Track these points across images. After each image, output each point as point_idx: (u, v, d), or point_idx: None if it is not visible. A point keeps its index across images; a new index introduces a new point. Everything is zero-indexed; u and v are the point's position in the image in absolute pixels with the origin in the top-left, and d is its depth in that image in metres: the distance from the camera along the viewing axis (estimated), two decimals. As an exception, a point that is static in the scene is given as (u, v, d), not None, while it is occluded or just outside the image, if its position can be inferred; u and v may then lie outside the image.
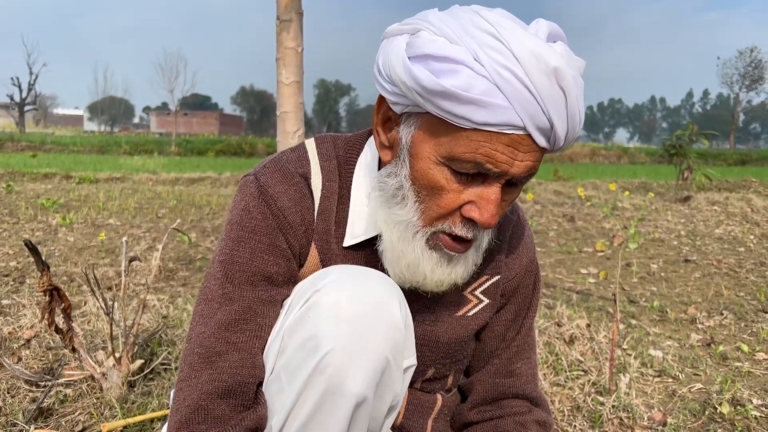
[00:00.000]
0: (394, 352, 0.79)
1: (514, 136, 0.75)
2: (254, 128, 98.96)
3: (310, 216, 0.91)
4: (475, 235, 0.84)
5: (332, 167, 0.94)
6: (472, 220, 0.80)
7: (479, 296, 1.01)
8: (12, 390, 1.75)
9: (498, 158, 0.75)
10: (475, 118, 0.73)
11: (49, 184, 8.61)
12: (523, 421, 1.03)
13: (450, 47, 0.73)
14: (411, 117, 0.81)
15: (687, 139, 9.07)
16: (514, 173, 0.77)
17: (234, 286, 0.85)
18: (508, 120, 0.73)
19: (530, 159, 0.77)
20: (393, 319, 0.79)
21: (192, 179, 10.15)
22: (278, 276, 0.87)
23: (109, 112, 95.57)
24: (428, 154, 0.79)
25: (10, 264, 3.44)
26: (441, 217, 0.82)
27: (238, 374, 0.81)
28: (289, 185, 0.90)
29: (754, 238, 5.49)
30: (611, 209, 6.76)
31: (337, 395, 0.76)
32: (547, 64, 0.71)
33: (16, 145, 23.09)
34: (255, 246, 0.86)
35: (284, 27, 2.81)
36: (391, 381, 0.82)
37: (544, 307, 2.88)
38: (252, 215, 0.88)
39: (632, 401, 1.81)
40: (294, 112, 2.83)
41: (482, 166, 0.76)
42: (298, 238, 0.90)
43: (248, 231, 0.87)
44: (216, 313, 0.84)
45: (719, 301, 3.20)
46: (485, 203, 0.78)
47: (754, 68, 69.59)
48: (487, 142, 0.74)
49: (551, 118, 0.74)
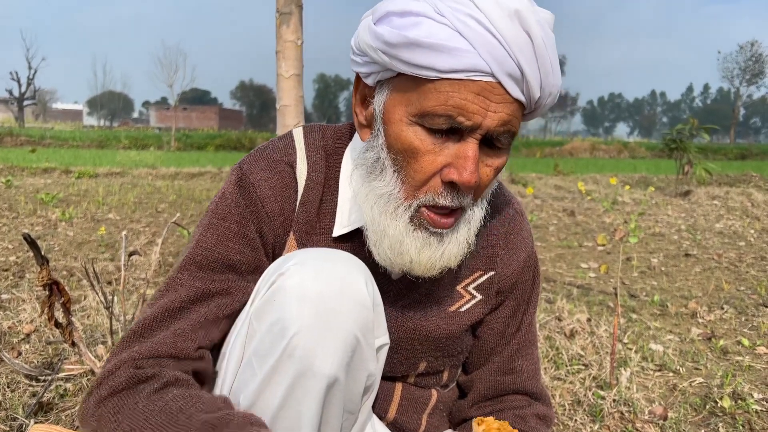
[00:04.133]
0: (363, 330, 0.78)
1: (484, 84, 0.73)
2: (254, 123, 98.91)
3: (291, 206, 0.90)
4: (461, 204, 0.81)
5: (319, 157, 0.93)
6: (454, 185, 0.78)
7: (472, 292, 0.99)
8: (12, 384, 1.75)
9: (469, 108, 0.74)
10: (440, 65, 0.72)
11: (48, 179, 8.60)
12: (523, 414, 1.02)
13: (411, 2, 0.74)
14: (383, 85, 0.81)
15: (687, 134, 9.06)
16: (488, 126, 0.75)
17: (189, 273, 0.85)
18: (473, 64, 0.72)
19: (504, 110, 0.75)
20: (359, 297, 0.77)
21: (191, 174, 10.13)
22: (241, 265, 0.86)
23: (108, 107, 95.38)
24: (400, 116, 0.78)
25: (9, 259, 3.44)
26: (422, 185, 0.79)
27: (166, 345, 0.79)
28: (273, 173, 0.90)
29: (754, 232, 5.48)
30: (611, 204, 6.75)
31: (307, 377, 0.74)
32: (508, 7, 0.72)
33: (15, 140, 23.04)
34: (222, 233, 0.86)
35: (284, 20, 2.80)
36: (363, 360, 0.80)
37: (544, 301, 2.88)
38: (226, 202, 0.88)
39: (633, 395, 1.81)
40: (294, 106, 2.82)
41: (453, 119, 0.74)
42: (273, 228, 0.89)
43: (219, 218, 0.87)
44: (163, 297, 0.84)
45: (720, 296, 3.19)
46: (462, 161, 0.76)
47: (754, 62, 69.48)
48: (456, 92, 0.73)
49: (519, 63, 0.73)
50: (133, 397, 0.75)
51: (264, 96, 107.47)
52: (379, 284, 0.93)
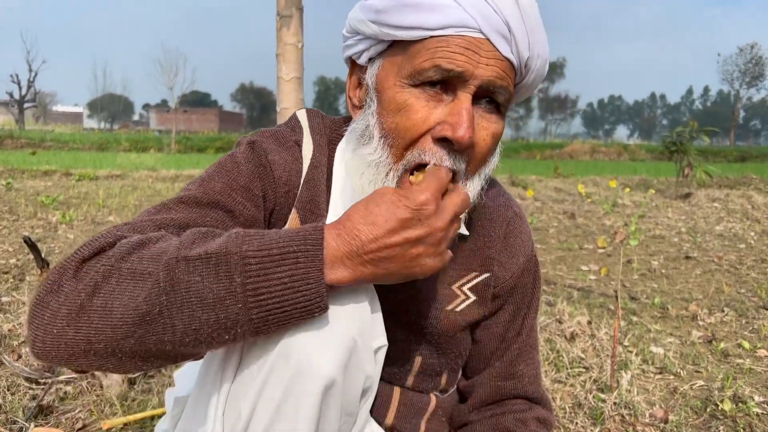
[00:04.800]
0: (361, 331, 0.77)
1: (471, 38, 0.75)
2: (254, 125, 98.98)
3: (297, 180, 0.91)
4: (453, 166, 0.78)
5: (323, 142, 0.95)
6: (447, 143, 0.77)
7: (466, 292, 0.99)
8: (12, 387, 1.74)
9: (457, 59, 0.75)
10: (427, 22, 0.75)
11: (48, 182, 8.60)
12: (524, 418, 1.01)
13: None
14: (374, 61, 0.84)
15: (687, 136, 9.06)
16: (479, 75, 0.76)
17: (187, 206, 0.80)
18: (460, 20, 0.75)
19: (495, 65, 0.76)
20: (357, 298, 0.77)
21: (192, 176, 10.13)
22: (240, 215, 0.84)
23: (108, 109, 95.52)
24: (393, 82, 0.80)
25: (9, 261, 3.43)
26: (410, 145, 0.79)
27: (149, 230, 0.74)
28: (283, 148, 0.91)
29: (754, 234, 5.48)
30: (611, 206, 6.74)
31: (304, 378, 0.73)
32: None
33: (15, 143, 23.05)
34: (229, 183, 0.84)
35: (284, 23, 2.80)
36: (361, 362, 0.79)
37: (544, 304, 2.88)
38: (236, 159, 0.87)
39: (633, 398, 1.80)
40: (294, 108, 2.82)
41: (442, 68, 0.75)
42: (277, 195, 0.89)
43: (228, 168, 0.86)
44: (155, 214, 0.79)
45: (720, 298, 3.19)
46: (456, 117, 0.76)
47: (754, 65, 69.56)
48: (444, 46, 0.75)
49: (506, 19, 0.75)
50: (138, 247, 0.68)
51: (264, 98, 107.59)
52: None
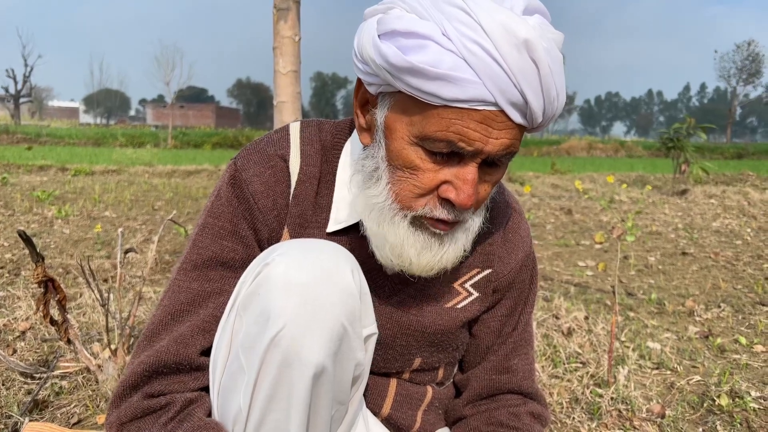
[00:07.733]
0: (350, 318, 0.77)
1: (487, 113, 0.73)
2: (251, 121, 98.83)
3: (284, 200, 0.91)
4: (458, 218, 0.82)
5: (314, 152, 0.93)
6: (451, 202, 0.79)
7: (469, 289, 0.99)
8: (7, 382, 1.74)
9: (471, 136, 0.74)
10: (444, 94, 0.71)
11: (44, 177, 8.57)
12: (517, 412, 1.02)
13: (418, 23, 0.72)
14: (385, 97, 0.80)
15: (684, 133, 9.06)
16: (489, 151, 0.75)
17: (186, 274, 0.88)
18: (477, 95, 0.71)
19: (506, 136, 0.75)
20: (346, 286, 0.77)
21: (188, 171, 10.10)
22: (234, 262, 0.88)
23: (105, 105, 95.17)
24: (402, 134, 0.78)
25: (5, 256, 3.42)
26: (419, 198, 0.80)
27: (170, 354, 0.84)
28: (266, 167, 0.91)
29: (751, 231, 5.49)
30: (608, 202, 6.76)
31: (294, 366, 0.74)
32: (516, 36, 0.69)
33: (11, 138, 22.95)
34: (216, 232, 0.89)
35: (281, 16, 2.79)
36: (351, 349, 0.79)
37: (541, 299, 2.88)
38: (221, 201, 0.90)
39: (631, 393, 1.80)
40: (291, 102, 2.81)
41: (455, 144, 0.74)
42: (267, 223, 0.90)
43: (213, 217, 0.90)
44: (165, 299, 0.89)
45: (717, 294, 3.20)
46: (461, 183, 0.77)
47: (751, 62, 69.65)
48: (459, 120, 0.73)
49: (524, 92, 0.72)
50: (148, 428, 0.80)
51: (261, 94, 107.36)
52: (374, 279, 0.93)
